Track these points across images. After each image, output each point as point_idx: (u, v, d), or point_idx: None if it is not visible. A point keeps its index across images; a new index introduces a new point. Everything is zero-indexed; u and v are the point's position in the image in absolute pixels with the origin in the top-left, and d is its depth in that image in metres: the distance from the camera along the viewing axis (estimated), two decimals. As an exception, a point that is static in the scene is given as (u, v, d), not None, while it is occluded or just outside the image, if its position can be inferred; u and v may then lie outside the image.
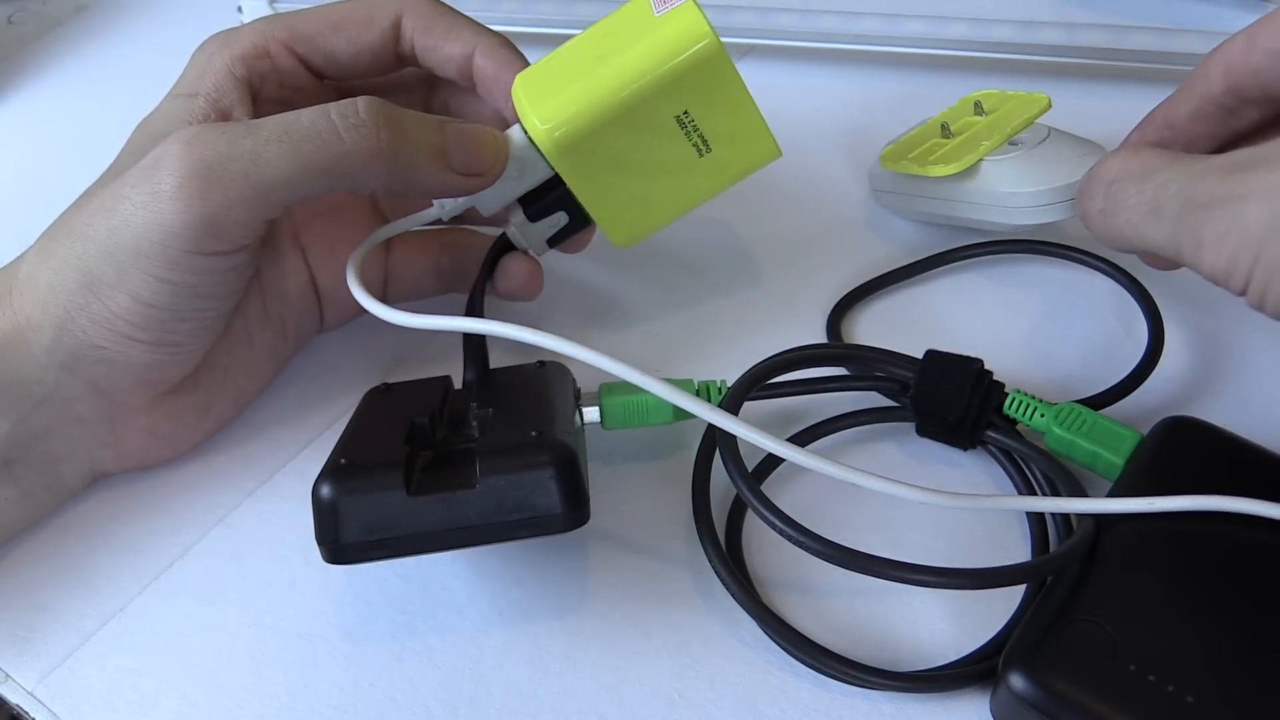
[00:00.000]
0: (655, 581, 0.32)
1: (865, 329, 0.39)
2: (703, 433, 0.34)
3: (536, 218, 0.35)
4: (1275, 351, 0.37)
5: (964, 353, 0.34)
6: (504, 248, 0.36)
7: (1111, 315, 0.38)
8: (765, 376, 0.34)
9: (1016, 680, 0.27)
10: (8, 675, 0.31)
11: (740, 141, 0.34)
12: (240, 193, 0.29)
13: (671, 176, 0.34)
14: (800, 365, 0.34)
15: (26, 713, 0.30)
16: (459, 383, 0.34)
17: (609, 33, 0.33)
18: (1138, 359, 0.35)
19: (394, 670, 0.31)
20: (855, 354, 0.36)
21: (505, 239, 0.36)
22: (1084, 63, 0.46)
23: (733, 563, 0.31)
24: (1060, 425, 0.32)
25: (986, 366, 0.33)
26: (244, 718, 0.30)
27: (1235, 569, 0.28)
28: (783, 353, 0.34)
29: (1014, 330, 0.38)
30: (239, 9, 0.53)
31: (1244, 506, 0.29)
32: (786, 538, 0.29)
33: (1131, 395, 0.35)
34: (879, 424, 0.35)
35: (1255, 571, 0.28)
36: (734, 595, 0.30)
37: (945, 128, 0.41)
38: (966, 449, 0.34)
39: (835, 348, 0.37)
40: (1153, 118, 0.33)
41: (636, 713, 0.29)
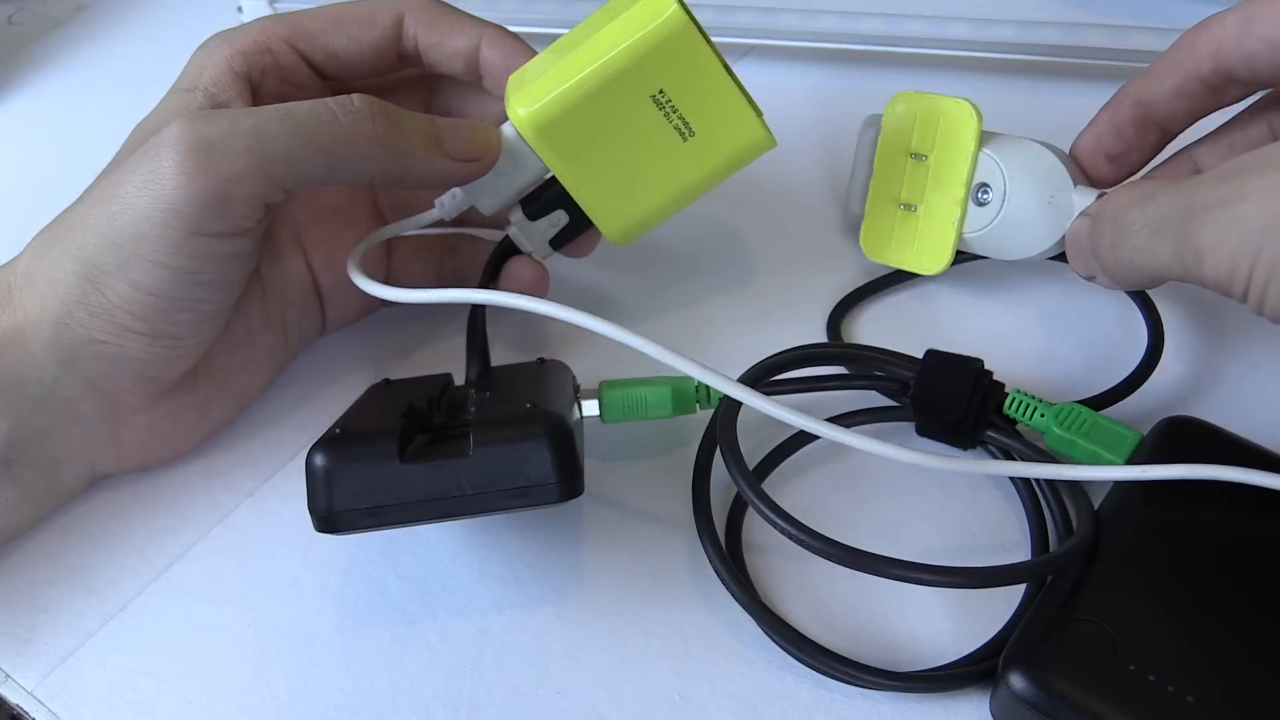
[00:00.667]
0: (655, 580, 0.32)
1: (865, 329, 0.39)
2: (703, 430, 0.34)
3: (535, 216, 0.35)
4: (1275, 352, 0.37)
5: (964, 353, 0.34)
6: (507, 251, 0.36)
7: (1111, 315, 0.38)
8: (766, 375, 0.34)
9: (1016, 680, 0.27)
10: (8, 675, 0.31)
11: (723, 125, 0.34)
12: (244, 165, 0.29)
13: (657, 162, 0.34)
14: (800, 364, 0.34)
15: (26, 713, 0.30)
16: (460, 381, 0.34)
17: (590, 22, 0.34)
18: (1138, 359, 0.35)
19: (394, 670, 0.31)
20: (855, 353, 0.36)
21: (509, 242, 0.36)
22: (1084, 63, 0.46)
23: (733, 562, 0.31)
24: (1060, 425, 0.32)
25: (986, 366, 0.33)
26: (244, 718, 0.30)
27: (1235, 569, 0.28)
28: (783, 352, 0.34)
29: (1014, 330, 0.38)
30: (239, 9, 0.53)
31: (1239, 476, 0.29)
32: (788, 536, 0.29)
33: (1132, 395, 0.35)
34: (879, 423, 0.35)
35: (1255, 571, 0.28)
36: (734, 595, 0.30)
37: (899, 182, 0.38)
38: (966, 449, 0.34)
39: (835, 347, 0.37)
40: (1124, 96, 0.33)
41: (636, 713, 0.29)
